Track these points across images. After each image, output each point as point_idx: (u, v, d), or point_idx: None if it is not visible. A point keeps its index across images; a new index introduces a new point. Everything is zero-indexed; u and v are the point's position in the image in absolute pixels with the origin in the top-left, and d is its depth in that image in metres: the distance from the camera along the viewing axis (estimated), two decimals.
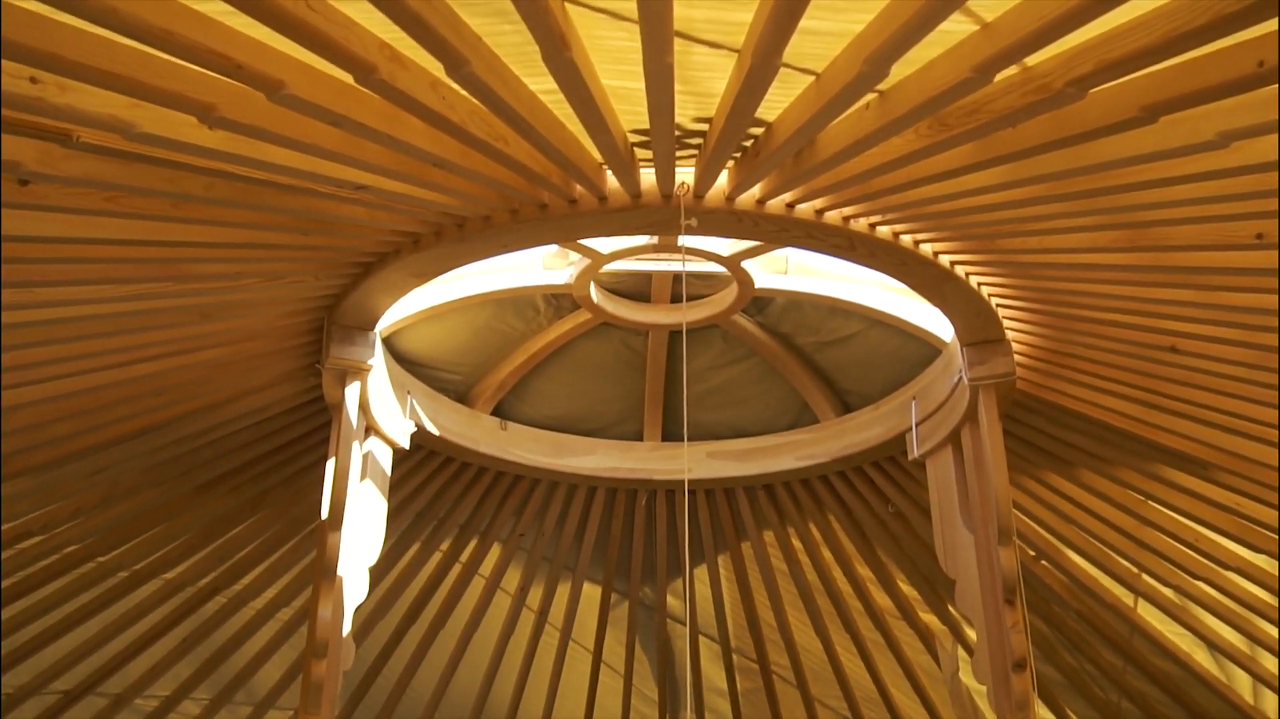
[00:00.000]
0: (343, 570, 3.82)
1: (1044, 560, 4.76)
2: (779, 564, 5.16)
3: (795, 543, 5.05)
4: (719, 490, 4.92)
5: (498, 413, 4.76)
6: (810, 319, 4.49)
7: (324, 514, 3.80)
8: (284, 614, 5.03)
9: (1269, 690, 4.79)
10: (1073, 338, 3.72)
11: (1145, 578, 4.63)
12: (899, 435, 4.40)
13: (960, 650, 5.10)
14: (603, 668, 5.61)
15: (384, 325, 4.11)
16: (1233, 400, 3.64)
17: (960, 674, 5.13)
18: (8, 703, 4.89)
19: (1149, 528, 4.39)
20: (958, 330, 3.83)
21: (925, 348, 4.38)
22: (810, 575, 5.14)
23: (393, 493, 4.38)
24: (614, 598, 5.40)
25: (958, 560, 4.00)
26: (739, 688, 5.68)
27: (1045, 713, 5.27)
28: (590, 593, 5.37)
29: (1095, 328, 3.62)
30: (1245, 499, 4.05)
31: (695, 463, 4.83)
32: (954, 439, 4.10)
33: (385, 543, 4.13)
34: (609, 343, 4.66)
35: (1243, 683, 4.88)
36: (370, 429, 4.11)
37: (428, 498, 4.77)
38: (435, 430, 4.45)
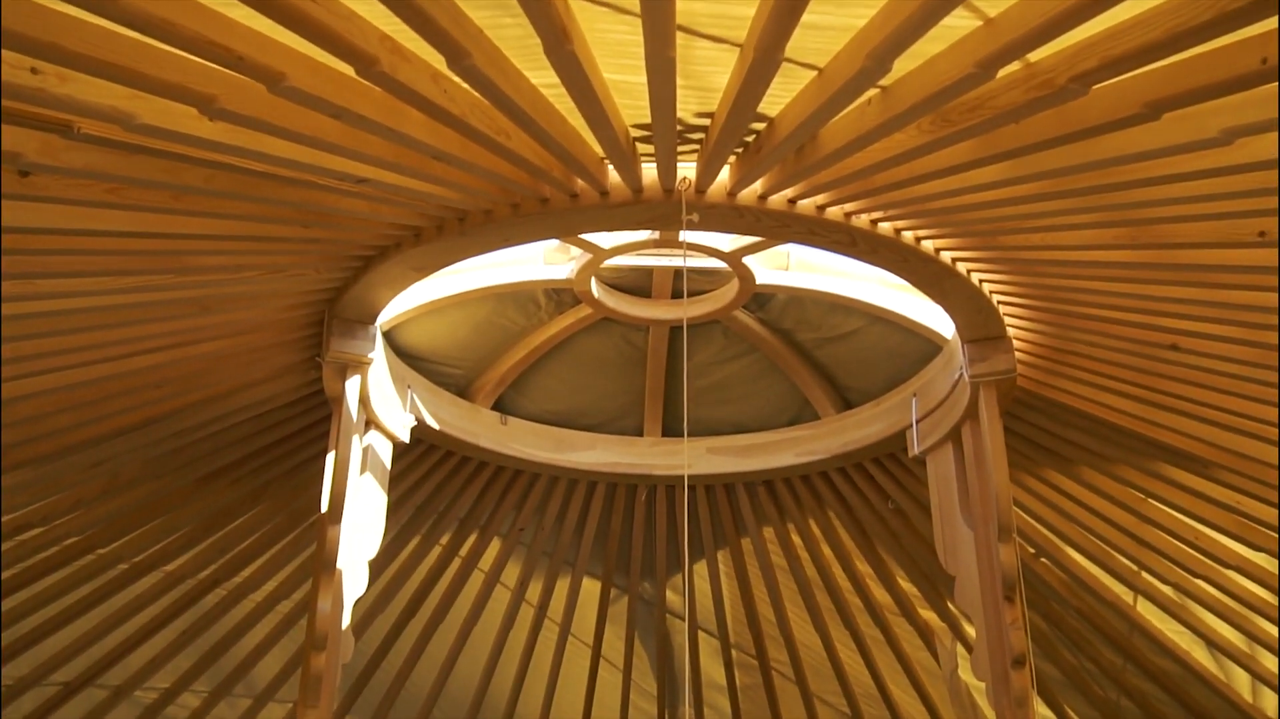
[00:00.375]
0: (342, 564, 3.83)
1: (1044, 558, 4.76)
2: (779, 560, 5.16)
3: (795, 539, 5.05)
4: (719, 486, 4.92)
5: (498, 407, 4.76)
6: (811, 315, 4.49)
7: (324, 507, 3.80)
8: (284, 607, 5.04)
9: (1268, 689, 4.79)
10: (1074, 335, 3.72)
11: (1145, 576, 4.63)
12: (899, 432, 4.40)
13: (959, 647, 5.10)
14: (602, 663, 5.61)
15: (385, 319, 4.11)
16: (1234, 399, 3.63)
17: (959, 671, 5.14)
18: (7, 694, 4.89)
19: (1149, 526, 4.39)
20: (959, 327, 3.83)
21: (926, 345, 4.37)
22: (810, 571, 5.14)
23: (393, 487, 4.38)
24: (613, 593, 5.40)
25: (958, 557, 4.00)
26: (738, 684, 5.68)
27: (1044, 711, 5.27)
28: (590, 588, 5.37)
29: (1096, 325, 3.62)
30: (1245, 497, 4.05)
31: (695, 458, 4.82)
32: (954, 436, 4.10)
33: (385, 537, 4.14)
34: (610, 338, 4.65)
35: (1242, 681, 4.88)
36: (370, 423, 4.11)
37: (428, 492, 4.77)
38: (435, 424, 4.45)
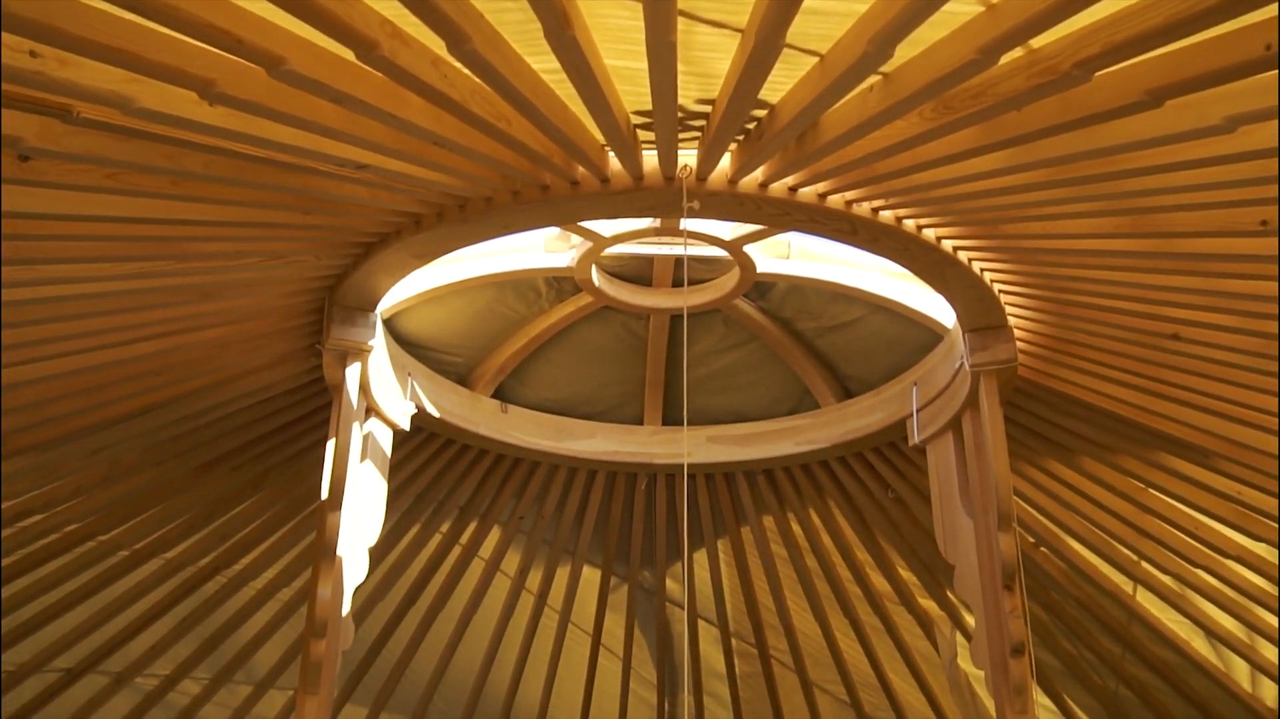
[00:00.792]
0: (342, 551, 3.83)
1: (1044, 547, 4.76)
2: (778, 549, 5.16)
3: (795, 528, 5.05)
4: (719, 475, 4.91)
5: (498, 395, 4.76)
6: (812, 304, 4.48)
7: (324, 494, 3.80)
8: (284, 594, 5.04)
9: (1267, 679, 4.80)
10: (1075, 324, 3.71)
11: (1145, 565, 4.63)
12: (900, 421, 4.40)
13: (959, 636, 5.11)
14: (602, 651, 5.62)
15: (385, 307, 4.10)
16: (1235, 389, 3.63)
17: (959, 660, 5.14)
18: (8, 681, 4.90)
19: (1149, 515, 4.39)
20: (960, 316, 3.82)
21: (927, 334, 4.37)
22: (809, 560, 5.15)
23: (393, 474, 4.38)
24: (613, 581, 5.40)
25: (957, 546, 4.00)
26: (738, 672, 5.69)
27: (1043, 700, 5.27)
28: (590, 576, 5.38)
29: (1098, 314, 3.61)
30: (1246, 487, 4.04)
31: (695, 447, 4.82)
32: (955, 425, 4.09)
33: (385, 524, 4.14)
34: (610, 326, 4.65)
35: (1241, 671, 4.88)
36: (371, 410, 4.11)
37: (428, 480, 4.77)
38: (436, 412, 4.45)
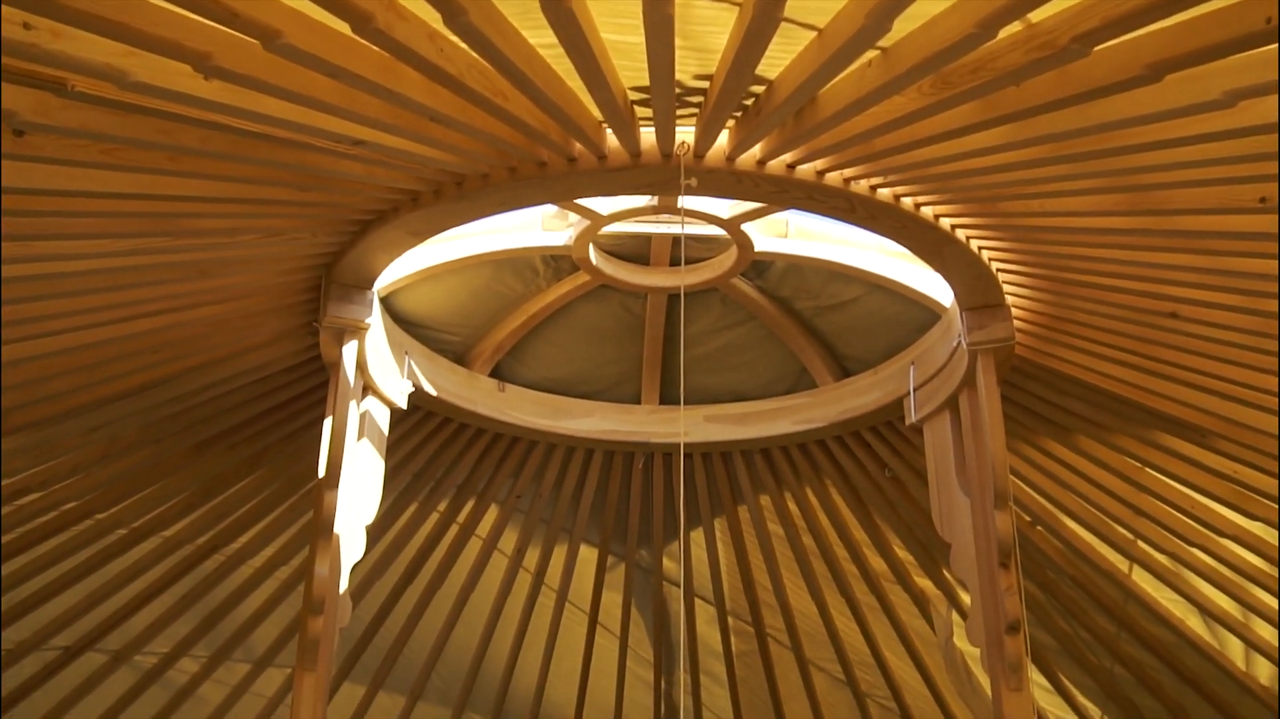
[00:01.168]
0: (340, 528, 3.84)
1: (1040, 527, 4.77)
2: (775, 528, 5.17)
3: (792, 507, 5.06)
4: (716, 454, 4.92)
5: (496, 374, 4.76)
6: (810, 283, 4.48)
7: (321, 473, 3.80)
8: (282, 572, 5.05)
9: (1261, 657, 4.82)
10: (1073, 303, 3.71)
11: (1141, 544, 4.65)
12: (897, 400, 4.40)
13: (955, 615, 5.13)
14: (599, 629, 5.64)
15: (382, 285, 4.09)
16: (1232, 368, 3.63)
17: (954, 638, 5.16)
18: (7, 658, 4.91)
19: (1146, 495, 4.40)
20: (957, 295, 3.82)
21: (925, 313, 4.36)
22: (806, 540, 5.16)
23: (390, 453, 4.38)
24: (610, 560, 5.42)
25: (954, 525, 4.01)
26: (734, 650, 5.71)
27: (1039, 678, 5.30)
28: (587, 555, 5.39)
29: (1095, 293, 3.61)
30: (1243, 466, 4.05)
31: (693, 426, 4.82)
32: (952, 404, 4.10)
33: (383, 503, 4.14)
34: (608, 305, 4.65)
35: (1235, 649, 4.90)
36: (368, 388, 4.11)
37: (425, 458, 4.77)
38: (433, 391, 4.45)
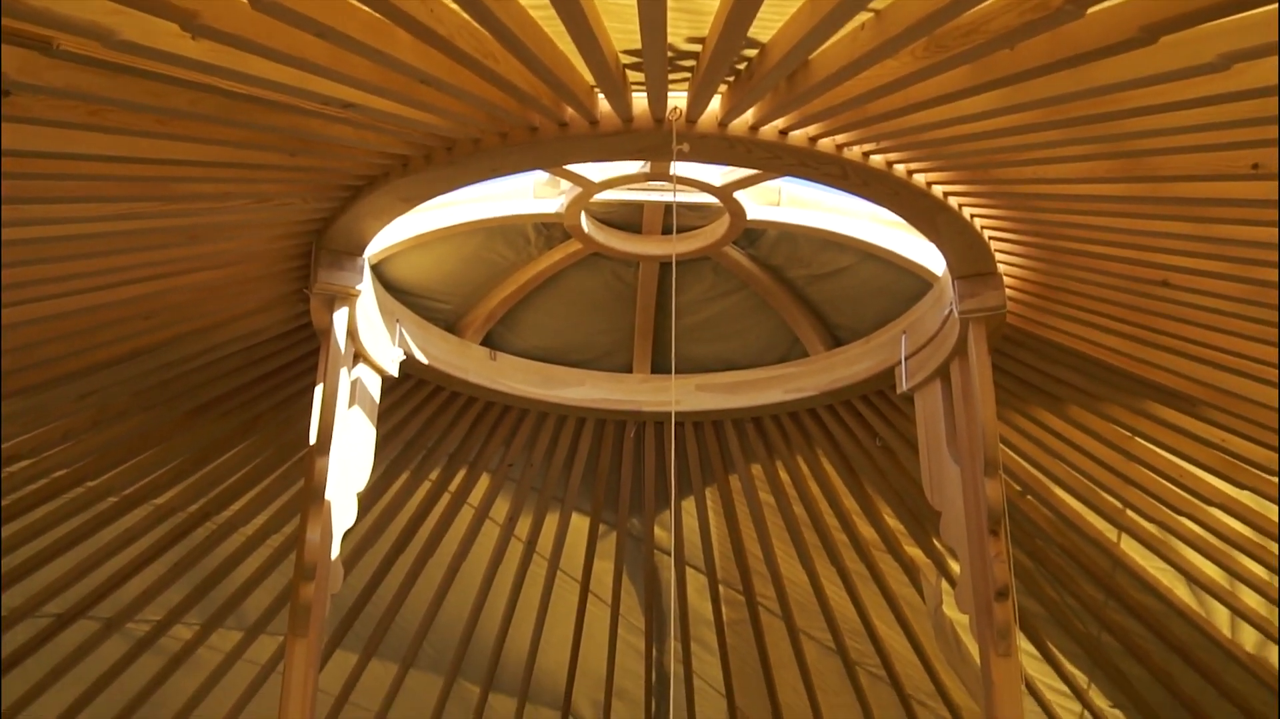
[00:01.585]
0: (331, 495, 3.84)
1: (1029, 496, 4.79)
2: (766, 497, 5.19)
3: (783, 476, 5.07)
4: (707, 423, 4.93)
5: (487, 343, 4.75)
6: (802, 252, 4.47)
7: (312, 439, 3.80)
8: (274, 540, 5.06)
9: (1246, 624, 4.86)
10: (1064, 271, 3.71)
11: (1129, 513, 4.67)
12: (888, 369, 4.41)
13: (944, 583, 5.16)
14: (590, 598, 5.66)
15: (373, 252, 4.09)
16: (1223, 336, 3.64)
17: (944, 607, 5.19)
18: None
19: (1135, 463, 4.42)
20: (949, 263, 3.82)
21: (917, 283, 4.36)
22: (797, 508, 5.18)
23: (382, 421, 4.38)
24: (602, 529, 5.43)
25: (944, 492, 4.03)
26: (725, 619, 5.74)
27: (1026, 645, 5.34)
28: (578, 524, 5.41)
29: (1087, 261, 3.61)
30: (1232, 435, 4.07)
31: (684, 395, 4.83)
32: (943, 373, 4.11)
33: (374, 471, 4.15)
34: (599, 274, 4.64)
35: (1221, 617, 4.94)
36: (359, 356, 4.10)
37: (417, 427, 4.77)
38: (424, 359, 4.45)
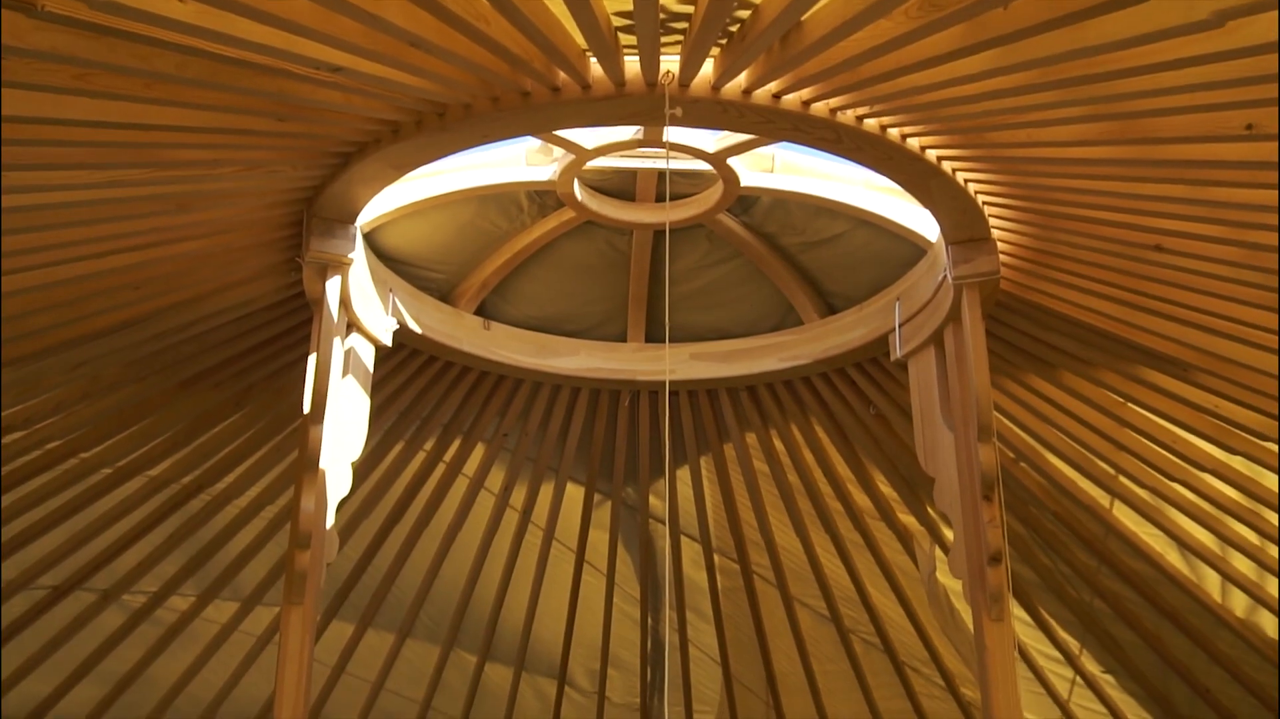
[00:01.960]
0: (325, 464, 3.84)
1: (1023, 463, 4.81)
2: (760, 466, 5.20)
3: (777, 444, 5.08)
4: (702, 392, 4.93)
5: (481, 312, 4.74)
6: (796, 219, 4.46)
7: (306, 408, 3.80)
8: (269, 512, 5.06)
9: (1236, 589, 4.89)
10: (1058, 236, 3.70)
11: (1122, 479, 4.69)
12: (882, 337, 4.41)
13: (937, 551, 5.18)
14: (585, 567, 5.68)
15: (365, 221, 4.06)
16: (1216, 300, 3.64)
17: (937, 574, 5.22)
18: None
19: (1127, 430, 4.43)
20: (943, 228, 3.81)
21: (911, 249, 4.36)
22: (791, 477, 5.19)
23: (375, 392, 4.38)
24: (597, 498, 5.44)
25: (937, 459, 4.04)
26: (719, 587, 5.77)
27: (1019, 613, 5.37)
28: (573, 493, 5.41)
29: (1080, 225, 3.61)
30: (1224, 401, 4.08)
31: (678, 364, 4.83)
32: (937, 339, 4.11)
33: (368, 442, 4.14)
34: (593, 242, 4.62)
35: (1212, 582, 4.98)
36: (352, 325, 4.09)
37: (411, 397, 4.77)
38: (418, 329, 4.44)
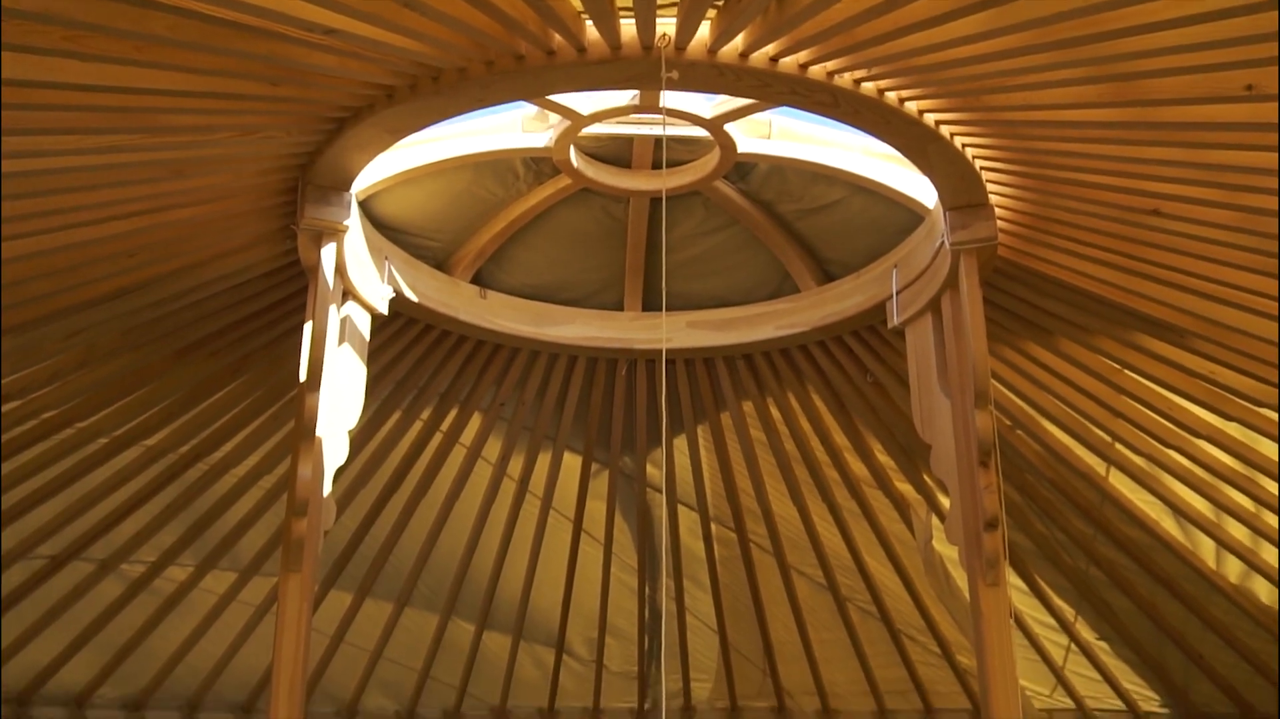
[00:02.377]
0: (322, 432, 3.84)
1: (1019, 430, 4.82)
2: (757, 434, 5.21)
3: (774, 413, 5.08)
4: (698, 360, 4.92)
5: (477, 281, 4.73)
6: (793, 186, 4.44)
7: (302, 376, 3.79)
8: (266, 482, 5.06)
9: (1231, 555, 4.92)
10: (1055, 201, 3.69)
11: (1118, 447, 4.70)
12: (879, 304, 4.40)
13: (934, 519, 5.20)
14: (583, 536, 5.70)
15: (360, 188, 4.04)
16: (1213, 265, 3.64)
17: (933, 542, 5.24)
18: None
19: (1124, 397, 4.44)
20: (941, 194, 3.80)
21: (908, 216, 4.34)
22: (788, 445, 5.20)
23: (372, 361, 4.37)
24: (594, 467, 5.45)
25: (934, 426, 4.05)
26: (717, 556, 5.79)
27: (1015, 580, 5.39)
28: (570, 462, 5.42)
29: (1078, 190, 3.59)
30: (1220, 367, 4.09)
31: (675, 332, 4.82)
32: (934, 307, 4.10)
33: (365, 411, 4.14)
34: (589, 210, 4.61)
35: (1206, 549, 5.00)
36: (348, 293, 4.08)
37: (407, 366, 4.76)
38: (414, 297, 4.43)
